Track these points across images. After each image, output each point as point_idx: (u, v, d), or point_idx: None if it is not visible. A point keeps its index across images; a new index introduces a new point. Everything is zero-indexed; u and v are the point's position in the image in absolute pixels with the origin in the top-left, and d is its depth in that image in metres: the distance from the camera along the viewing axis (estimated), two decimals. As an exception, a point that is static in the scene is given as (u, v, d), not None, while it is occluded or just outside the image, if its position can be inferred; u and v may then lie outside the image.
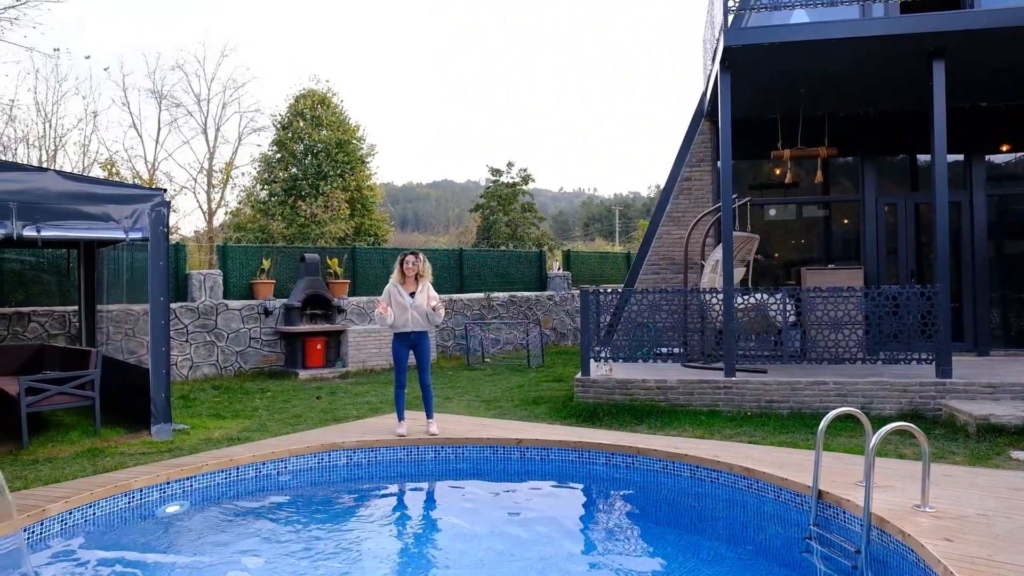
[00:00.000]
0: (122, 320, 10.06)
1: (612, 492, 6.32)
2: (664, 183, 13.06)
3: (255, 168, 25.14)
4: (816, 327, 8.89)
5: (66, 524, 5.00)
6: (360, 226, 23.37)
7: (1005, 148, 11.65)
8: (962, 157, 11.51)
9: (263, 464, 6.31)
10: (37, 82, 30.94)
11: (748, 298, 9.36)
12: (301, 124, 23.38)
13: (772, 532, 5.21)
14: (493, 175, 31.34)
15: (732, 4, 9.25)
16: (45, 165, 21.36)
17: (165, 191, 8.54)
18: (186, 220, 53.34)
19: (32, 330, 11.14)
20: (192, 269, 13.94)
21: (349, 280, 14.73)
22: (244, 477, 6.17)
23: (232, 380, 12.47)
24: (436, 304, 7.05)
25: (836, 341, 8.75)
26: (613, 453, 6.45)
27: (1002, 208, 11.60)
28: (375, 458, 6.78)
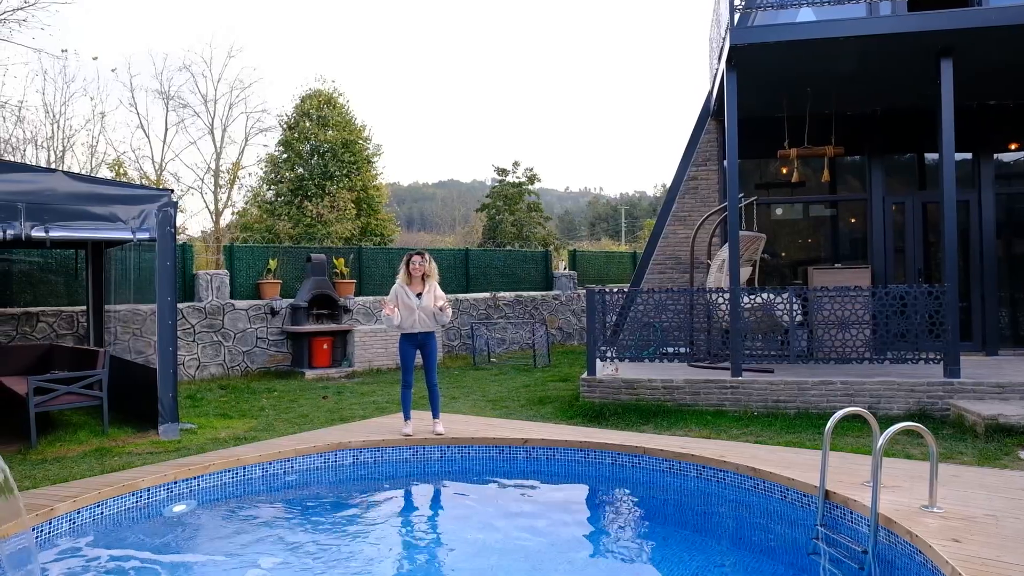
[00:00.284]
0: (130, 320, 10.11)
1: (618, 492, 6.32)
2: (670, 182, 13.04)
3: (262, 168, 25.27)
4: (823, 327, 8.85)
5: (74, 523, 5.02)
6: (366, 226, 23.43)
7: (1013, 146, 11.58)
8: (970, 156, 11.45)
9: (270, 464, 6.33)
10: (45, 83, 31.07)
11: (754, 297, 9.33)
12: (307, 124, 23.46)
13: (778, 532, 5.19)
14: (499, 175, 31.38)
15: (738, 3, 9.23)
16: (53, 166, 21.47)
17: (172, 191, 8.56)
18: (193, 220, 53.51)
19: (40, 330, 11.20)
20: (199, 269, 13.98)
21: (355, 280, 14.76)
22: (251, 477, 6.19)
23: (239, 380, 12.51)
24: (443, 304, 7.04)
25: (843, 341, 8.71)
26: (619, 453, 6.44)
27: (1011, 207, 11.53)
28: (381, 458, 6.79)
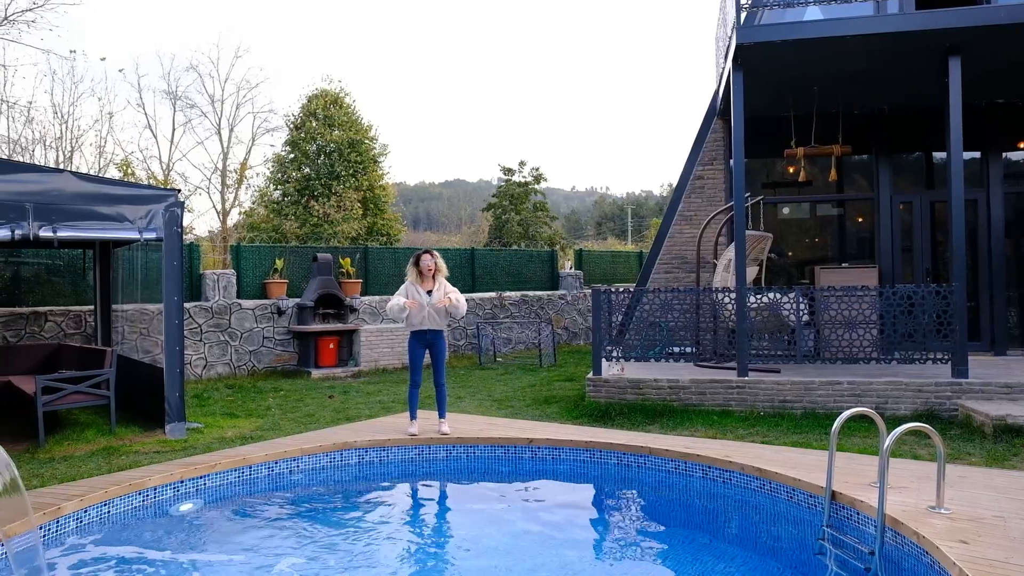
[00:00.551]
0: (137, 320, 10.15)
1: (624, 492, 6.31)
2: (676, 182, 13.01)
3: (268, 168, 25.28)
4: (830, 326, 8.81)
5: (81, 522, 5.05)
6: (372, 225, 23.44)
7: (1022, 145, 11.51)
8: (978, 154, 11.39)
9: (276, 463, 6.35)
10: (54, 84, 31.26)
11: (761, 297, 9.30)
12: (314, 124, 23.48)
13: (785, 533, 5.17)
14: (505, 174, 31.35)
15: (745, 2, 9.21)
16: (62, 166, 21.58)
17: (179, 191, 8.60)
18: (200, 220, 53.76)
19: (49, 329, 11.26)
20: (206, 269, 14.04)
21: (361, 280, 14.78)
22: (257, 476, 6.20)
23: (245, 379, 12.55)
24: (454, 296, 7.06)
25: (850, 340, 8.68)
26: (625, 453, 6.43)
27: (1019, 206, 11.46)
28: (387, 457, 6.80)
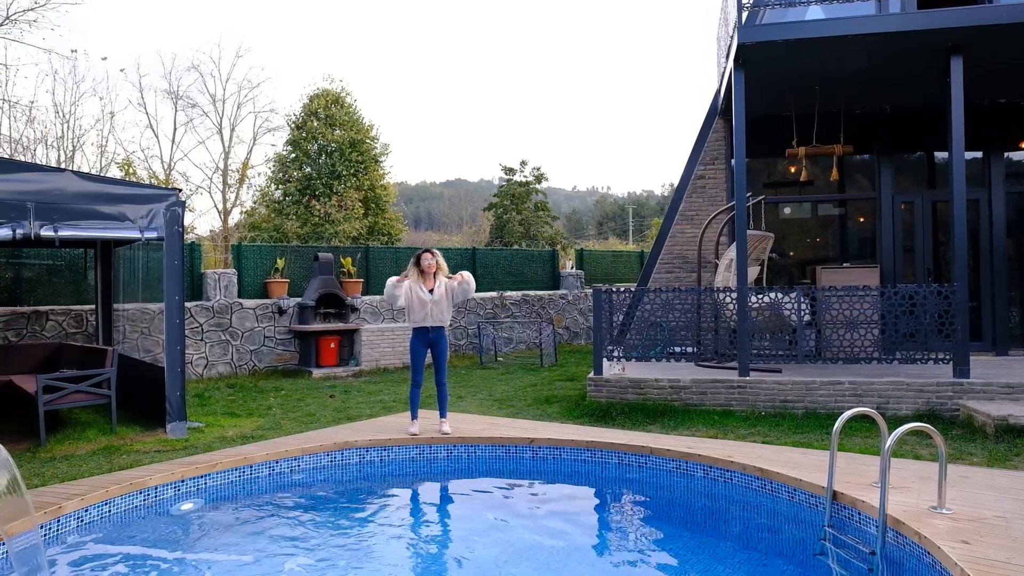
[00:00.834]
0: (138, 319, 10.15)
1: (625, 492, 6.30)
2: (678, 181, 13.00)
3: (270, 168, 25.33)
4: (831, 326, 8.81)
5: (82, 521, 5.05)
6: (374, 225, 23.46)
7: (1024, 145, 11.51)
8: (980, 154, 11.38)
9: (276, 462, 6.35)
10: (55, 84, 31.33)
11: (762, 297, 9.30)
12: (315, 124, 23.50)
13: (786, 533, 5.17)
14: (506, 174, 31.36)
15: (746, 1, 9.20)
16: (63, 166, 21.60)
17: (180, 191, 8.61)
18: (201, 219, 53.71)
19: (50, 329, 11.26)
20: (207, 268, 14.04)
21: (363, 279, 14.78)
22: (258, 475, 6.20)
23: (246, 379, 12.55)
24: (466, 273, 7.14)
25: (851, 340, 8.67)
26: (626, 453, 6.43)
27: (1021, 205, 11.45)
28: (388, 457, 6.80)
